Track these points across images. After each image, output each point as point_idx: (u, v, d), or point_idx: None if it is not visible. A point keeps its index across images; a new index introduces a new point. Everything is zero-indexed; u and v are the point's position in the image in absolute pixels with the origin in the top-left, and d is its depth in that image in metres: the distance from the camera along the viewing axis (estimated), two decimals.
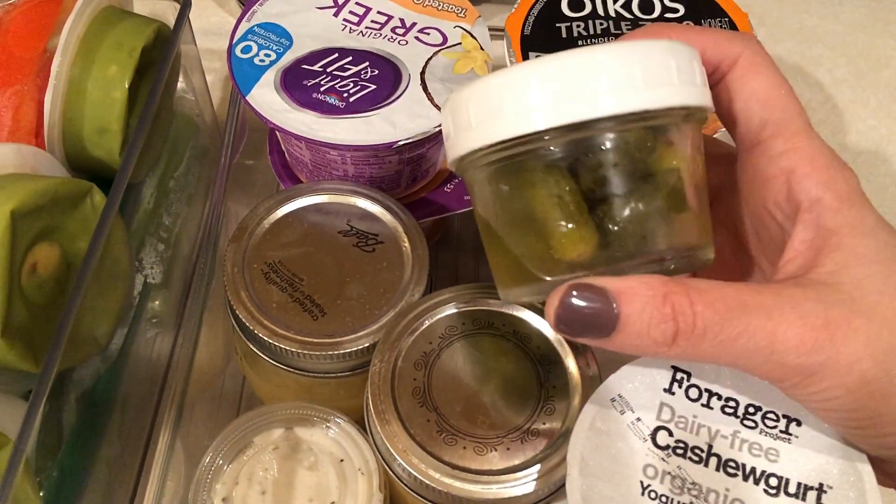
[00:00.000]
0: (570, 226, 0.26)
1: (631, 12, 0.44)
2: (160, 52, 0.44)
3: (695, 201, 0.28)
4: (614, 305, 0.25)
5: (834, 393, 0.26)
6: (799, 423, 0.30)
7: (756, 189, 0.29)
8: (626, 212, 0.27)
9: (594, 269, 0.27)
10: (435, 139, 0.41)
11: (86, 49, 0.41)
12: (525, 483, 0.31)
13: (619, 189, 0.26)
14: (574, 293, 0.25)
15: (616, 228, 0.27)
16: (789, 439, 0.30)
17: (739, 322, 0.25)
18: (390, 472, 0.34)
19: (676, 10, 0.44)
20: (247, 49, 0.41)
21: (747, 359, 0.25)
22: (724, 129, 0.40)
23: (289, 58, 0.41)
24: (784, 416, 0.30)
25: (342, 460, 0.36)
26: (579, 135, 0.26)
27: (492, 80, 0.27)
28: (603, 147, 0.26)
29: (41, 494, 0.35)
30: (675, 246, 0.27)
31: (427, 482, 0.31)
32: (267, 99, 0.39)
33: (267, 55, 0.41)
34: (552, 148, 0.26)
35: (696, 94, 0.27)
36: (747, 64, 0.29)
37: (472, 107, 0.27)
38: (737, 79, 0.29)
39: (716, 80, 0.30)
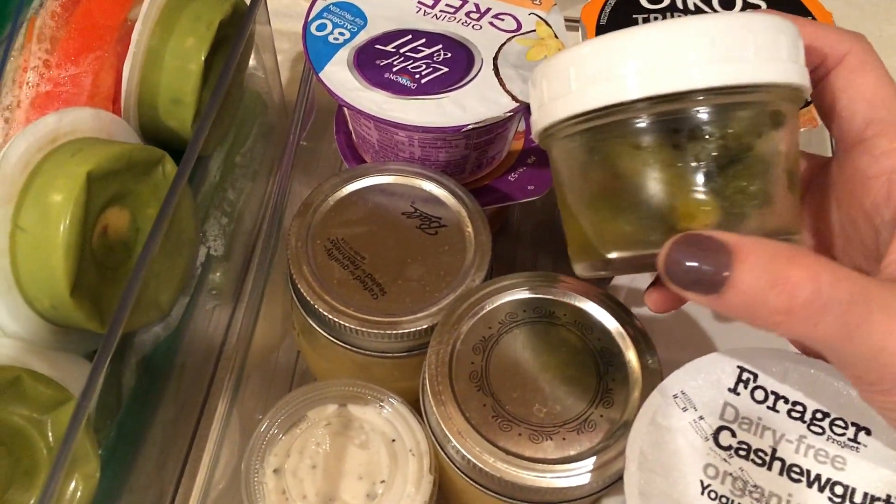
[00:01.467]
0: (697, 195, 0.26)
1: (710, 6, 0.43)
2: (235, 27, 0.44)
3: (791, 185, 0.27)
4: (728, 261, 0.23)
5: None
6: (868, 433, 0.29)
7: (854, 189, 0.28)
8: (727, 191, 0.26)
9: None
10: (503, 125, 0.41)
11: (165, 20, 0.41)
12: (580, 474, 0.31)
13: (719, 167, 0.26)
14: (688, 242, 0.24)
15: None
16: (857, 448, 0.29)
17: (865, 309, 0.23)
18: (442, 455, 0.34)
19: (758, 6, 0.43)
20: (322, 27, 0.41)
21: (855, 351, 0.24)
22: (802, 130, 0.39)
23: (363, 37, 0.41)
24: (853, 424, 0.29)
25: (394, 440, 0.36)
26: (675, 106, 0.25)
27: (586, 46, 0.26)
28: (702, 121, 0.25)
29: (99, 453, 0.35)
30: (771, 228, 0.27)
31: (480, 466, 0.31)
32: (339, 77, 0.39)
33: (341, 34, 0.41)
34: (647, 119, 0.25)
35: (800, 73, 0.26)
36: (856, 61, 0.28)
37: (568, 73, 0.26)
38: (844, 76, 0.28)
39: (820, 74, 0.29)
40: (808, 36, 0.28)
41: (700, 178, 0.26)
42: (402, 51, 0.40)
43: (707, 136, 0.25)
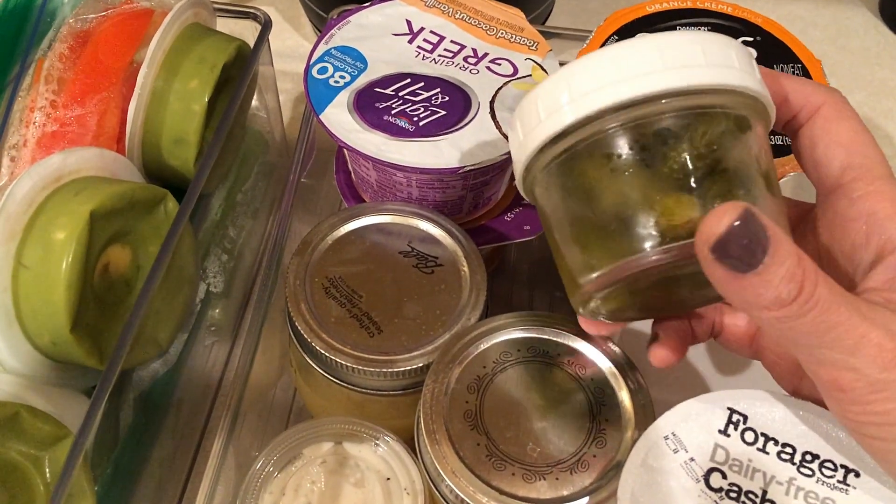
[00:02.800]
0: (680, 195, 0.26)
1: None
2: (239, 68, 0.45)
3: (770, 185, 0.28)
4: (768, 247, 0.24)
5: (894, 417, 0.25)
6: (857, 475, 0.29)
7: (834, 232, 0.29)
8: (709, 195, 0.26)
9: (668, 244, 0.26)
10: (499, 167, 0.42)
11: (170, 62, 0.42)
12: None
13: (698, 174, 0.26)
14: (750, 214, 0.24)
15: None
16: (847, 490, 0.29)
17: (844, 311, 0.25)
18: (437, 494, 0.34)
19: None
20: (323, 70, 0.42)
21: (832, 352, 0.25)
22: (791, 175, 0.40)
23: (363, 80, 0.42)
24: (842, 467, 0.29)
25: (388, 479, 0.36)
26: (640, 111, 0.26)
27: (552, 77, 0.28)
28: (668, 127, 0.26)
29: (95, 490, 0.36)
30: None
31: None
32: (339, 118, 0.40)
33: (342, 77, 0.42)
34: (615, 129, 0.27)
35: (756, 84, 0.27)
36: (831, 111, 0.29)
37: (540, 104, 0.28)
38: (820, 125, 0.29)
39: (797, 125, 0.30)
40: (785, 89, 0.29)
41: (681, 185, 0.26)
42: (400, 94, 0.41)
43: (675, 144, 0.26)
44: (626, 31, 0.45)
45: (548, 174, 0.29)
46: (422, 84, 0.42)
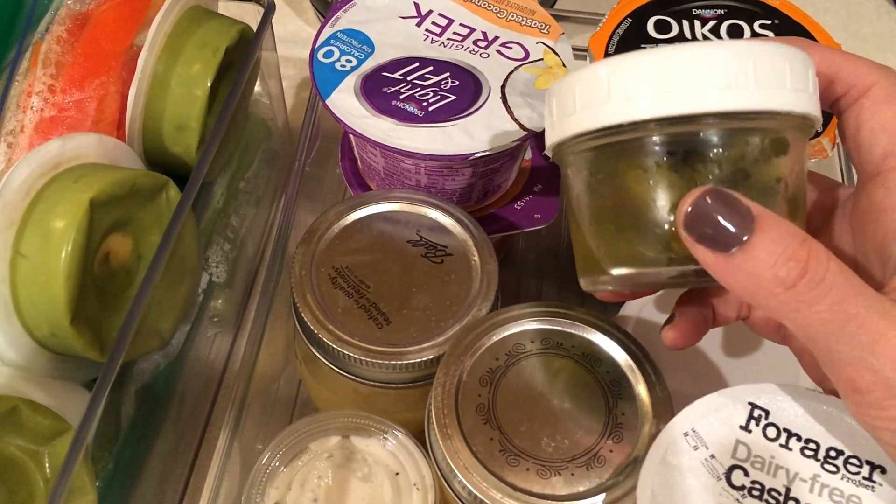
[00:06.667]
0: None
1: (718, 37, 0.43)
2: (241, 53, 0.44)
3: (792, 212, 0.27)
4: (751, 226, 0.24)
5: None
6: (884, 471, 0.28)
7: (867, 221, 0.28)
8: None
9: (684, 265, 0.26)
10: (510, 154, 0.40)
11: (171, 46, 0.41)
12: None
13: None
14: (714, 195, 0.24)
15: None
16: (873, 487, 0.28)
17: (863, 304, 0.24)
18: (448, 489, 0.33)
19: (766, 37, 0.42)
20: (329, 54, 0.41)
21: (845, 346, 0.24)
22: (815, 159, 0.39)
23: (370, 64, 0.41)
24: (868, 463, 0.28)
25: (397, 473, 0.35)
26: (683, 128, 0.25)
27: (600, 66, 0.26)
28: (707, 144, 0.26)
29: (97, 485, 0.35)
30: None
31: (487, 502, 0.31)
32: (346, 104, 0.39)
33: (348, 61, 0.41)
34: (655, 139, 0.26)
35: (806, 101, 0.26)
36: (882, 93, 0.28)
37: (579, 91, 0.27)
38: (868, 106, 0.28)
39: (846, 104, 0.29)
40: (836, 65, 0.28)
41: None
42: (409, 78, 0.40)
43: (709, 160, 0.26)
44: (640, 15, 0.43)
45: (577, 159, 0.28)
46: (430, 68, 0.41)
